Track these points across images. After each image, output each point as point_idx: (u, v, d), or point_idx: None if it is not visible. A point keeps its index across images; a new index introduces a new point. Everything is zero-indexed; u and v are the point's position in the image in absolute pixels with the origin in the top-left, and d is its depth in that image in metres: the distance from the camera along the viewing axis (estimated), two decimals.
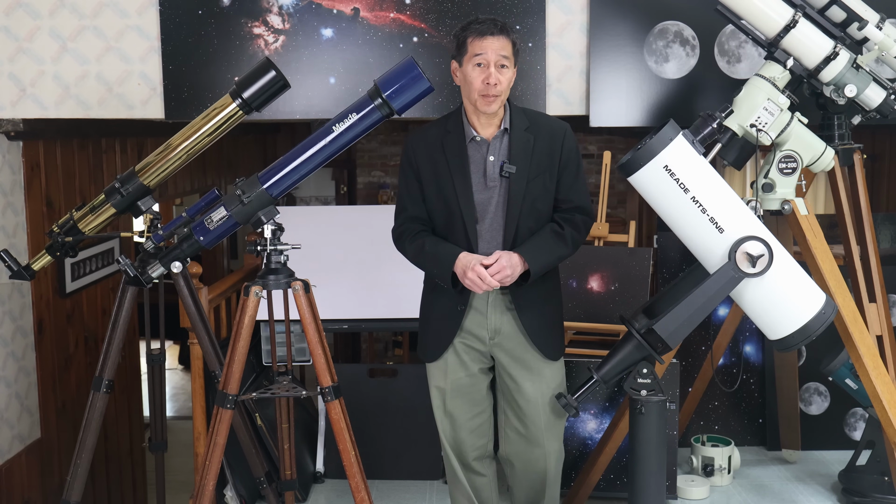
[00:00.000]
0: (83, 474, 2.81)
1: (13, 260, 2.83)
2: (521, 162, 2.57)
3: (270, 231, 2.51)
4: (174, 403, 7.92)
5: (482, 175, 2.60)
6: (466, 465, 2.79)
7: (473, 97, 2.54)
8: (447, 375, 2.71)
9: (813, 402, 3.86)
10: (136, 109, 3.54)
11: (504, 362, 2.69)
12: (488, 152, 2.60)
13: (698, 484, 3.43)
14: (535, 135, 2.61)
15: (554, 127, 2.65)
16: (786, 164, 2.85)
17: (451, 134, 2.62)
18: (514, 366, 2.68)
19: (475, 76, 2.51)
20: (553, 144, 2.62)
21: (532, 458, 2.74)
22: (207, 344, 2.91)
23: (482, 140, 2.60)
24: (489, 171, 2.59)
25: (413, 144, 2.67)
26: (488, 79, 2.49)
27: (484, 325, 2.66)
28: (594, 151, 8.28)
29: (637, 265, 3.68)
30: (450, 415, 2.74)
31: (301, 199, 8.84)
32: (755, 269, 2.25)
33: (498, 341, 2.67)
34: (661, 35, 3.52)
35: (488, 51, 2.50)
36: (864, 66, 2.91)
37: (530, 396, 2.68)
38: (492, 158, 2.60)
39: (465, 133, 2.61)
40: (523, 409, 2.69)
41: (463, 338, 2.68)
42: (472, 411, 2.74)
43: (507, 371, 2.70)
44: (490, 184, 2.59)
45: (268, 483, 3.00)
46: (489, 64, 2.50)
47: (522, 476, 2.80)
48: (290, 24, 3.47)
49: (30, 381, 3.88)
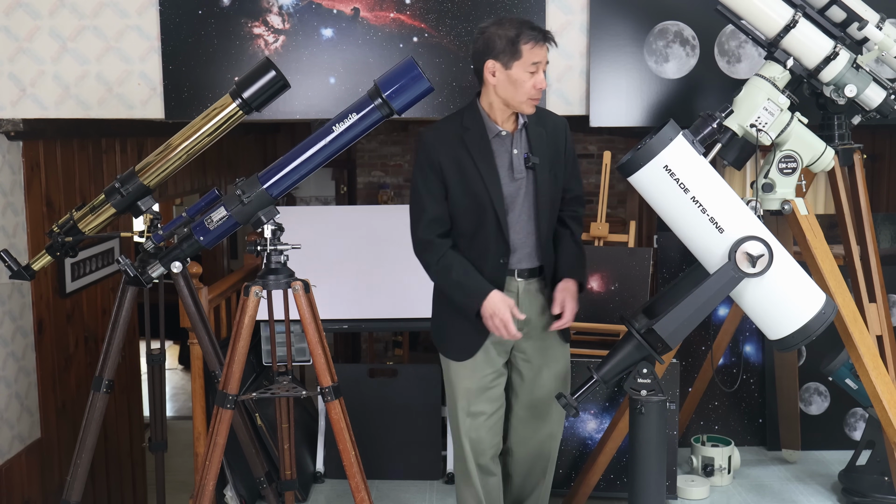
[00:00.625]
0: (83, 474, 2.81)
1: (13, 260, 2.83)
2: (540, 154, 2.67)
3: (270, 231, 2.51)
4: (174, 403, 7.92)
5: (508, 168, 2.65)
6: (483, 465, 2.80)
7: (520, 99, 2.58)
8: (474, 374, 2.73)
9: (813, 402, 3.87)
10: (136, 109, 3.54)
11: (528, 350, 2.75)
12: (512, 146, 2.66)
13: (698, 484, 3.44)
14: (544, 128, 2.71)
15: (557, 121, 2.77)
16: (786, 164, 2.85)
17: (471, 130, 2.64)
18: (537, 353, 2.76)
19: (527, 81, 2.56)
20: (558, 137, 2.73)
21: (542, 439, 2.82)
22: (207, 344, 2.91)
23: (507, 134, 2.66)
24: (515, 164, 2.65)
25: (432, 143, 2.65)
26: (540, 84, 2.57)
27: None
28: (594, 151, 8.27)
29: (637, 265, 3.68)
30: (473, 414, 2.75)
31: (301, 199, 8.84)
32: (755, 269, 2.25)
33: (527, 331, 2.72)
34: (661, 35, 3.52)
35: (543, 58, 2.58)
36: (864, 66, 2.91)
37: (547, 378, 2.76)
38: (516, 151, 2.66)
39: (486, 128, 2.65)
40: (539, 390, 2.76)
41: (493, 336, 2.69)
42: (492, 408, 2.77)
43: (527, 359, 2.75)
44: (517, 176, 2.66)
45: (268, 483, 3.00)
46: (540, 70, 2.58)
47: (527, 462, 2.85)
48: (290, 24, 3.47)
49: (30, 381, 3.88)
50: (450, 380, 2.78)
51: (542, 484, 2.89)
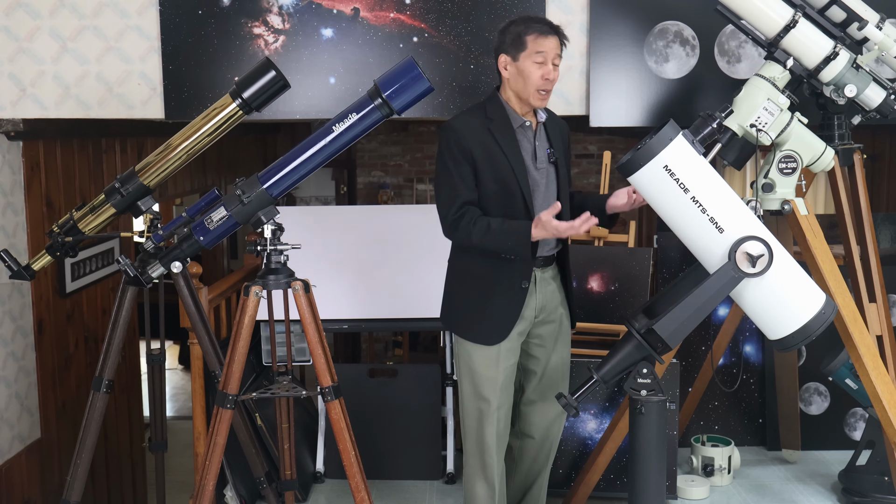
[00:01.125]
0: (83, 474, 2.81)
1: (13, 260, 2.83)
2: (557, 151, 2.79)
3: (270, 231, 2.51)
4: (174, 403, 7.92)
5: (532, 158, 2.73)
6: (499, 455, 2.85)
7: (529, 91, 2.67)
8: (499, 364, 2.76)
9: (813, 402, 3.87)
10: (136, 109, 3.54)
11: (543, 335, 2.82)
12: (535, 138, 2.75)
13: (698, 484, 3.44)
14: (558, 127, 2.84)
15: (560, 120, 2.90)
16: (786, 164, 2.85)
17: (495, 121, 2.71)
18: (549, 337, 2.84)
19: (534, 72, 2.65)
20: (564, 136, 2.87)
21: (550, 420, 2.90)
22: (207, 344, 2.91)
23: (530, 125, 2.74)
24: (539, 155, 2.74)
25: (460, 130, 2.69)
26: (548, 75, 2.65)
27: (532, 305, 2.77)
28: (594, 151, 8.27)
29: (637, 265, 3.68)
30: (500, 407, 2.79)
31: (301, 199, 8.84)
32: (755, 269, 2.25)
33: (542, 318, 2.80)
34: (661, 35, 3.52)
35: (549, 49, 2.65)
36: (864, 66, 2.91)
37: (555, 363, 2.85)
38: (538, 143, 2.75)
39: (510, 119, 2.72)
40: (550, 375, 2.85)
41: (518, 323, 2.76)
42: (510, 401, 2.84)
43: (541, 343, 2.83)
44: (539, 166, 2.74)
45: (268, 483, 3.00)
46: (548, 61, 2.65)
47: (535, 446, 2.92)
48: (290, 24, 3.47)
49: (30, 381, 3.88)
50: (471, 368, 2.78)
51: (545, 469, 2.97)
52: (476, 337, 2.77)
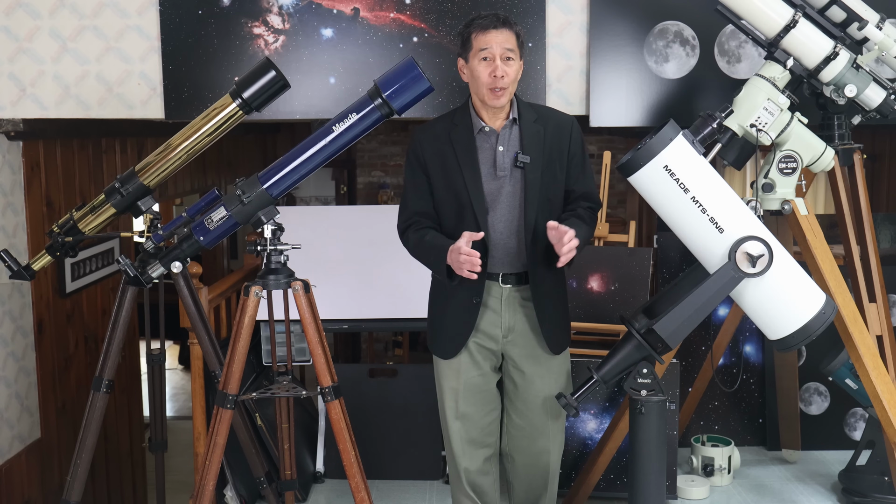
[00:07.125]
0: (83, 474, 2.81)
1: (13, 260, 2.83)
2: (533, 152, 2.60)
3: (270, 231, 2.51)
4: (174, 403, 7.92)
5: (491, 165, 2.62)
6: (476, 467, 2.77)
7: (482, 92, 2.56)
8: (460, 375, 2.71)
9: (813, 402, 3.86)
10: (136, 109, 3.54)
11: (516, 358, 2.71)
12: (497, 142, 2.62)
13: (698, 484, 3.43)
14: (544, 126, 2.64)
15: (561, 119, 2.70)
16: (786, 164, 2.85)
17: (459, 126, 2.64)
18: (525, 361, 2.70)
19: (482, 70, 2.54)
20: (562, 136, 2.65)
21: (537, 452, 2.76)
22: (207, 344, 2.91)
23: (491, 130, 2.63)
24: (499, 161, 2.61)
25: (419, 138, 2.68)
26: (495, 72, 2.52)
27: (498, 323, 2.67)
28: (594, 151, 8.26)
29: (637, 265, 3.68)
30: (462, 416, 2.73)
31: (301, 199, 8.84)
32: (755, 269, 2.25)
33: (511, 339, 2.69)
34: (661, 35, 3.52)
35: (493, 44, 2.52)
36: (864, 66, 2.91)
37: (539, 390, 2.71)
38: (501, 149, 2.62)
39: (472, 124, 2.63)
40: (532, 402, 2.72)
41: (477, 338, 2.69)
42: (484, 409, 2.74)
43: (517, 367, 2.71)
44: (500, 174, 2.61)
45: (268, 483, 3.00)
46: (495, 57, 2.52)
47: (525, 471, 2.81)
48: (290, 24, 3.47)
49: (30, 381, 3.88)
50: (438, 379, 2.78)
51: (544, 497, 2.84)
52: (435, 349, 2.77)
